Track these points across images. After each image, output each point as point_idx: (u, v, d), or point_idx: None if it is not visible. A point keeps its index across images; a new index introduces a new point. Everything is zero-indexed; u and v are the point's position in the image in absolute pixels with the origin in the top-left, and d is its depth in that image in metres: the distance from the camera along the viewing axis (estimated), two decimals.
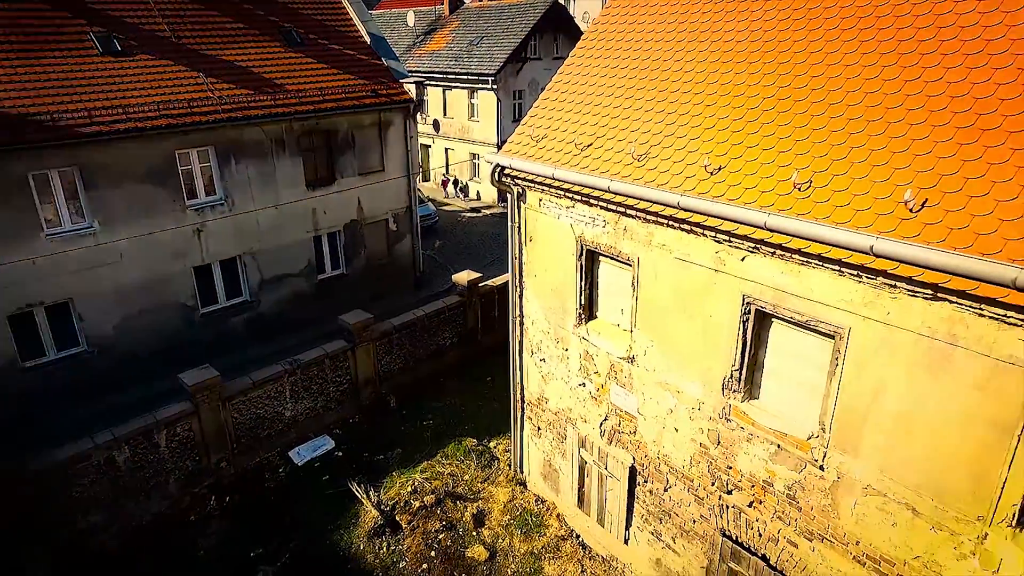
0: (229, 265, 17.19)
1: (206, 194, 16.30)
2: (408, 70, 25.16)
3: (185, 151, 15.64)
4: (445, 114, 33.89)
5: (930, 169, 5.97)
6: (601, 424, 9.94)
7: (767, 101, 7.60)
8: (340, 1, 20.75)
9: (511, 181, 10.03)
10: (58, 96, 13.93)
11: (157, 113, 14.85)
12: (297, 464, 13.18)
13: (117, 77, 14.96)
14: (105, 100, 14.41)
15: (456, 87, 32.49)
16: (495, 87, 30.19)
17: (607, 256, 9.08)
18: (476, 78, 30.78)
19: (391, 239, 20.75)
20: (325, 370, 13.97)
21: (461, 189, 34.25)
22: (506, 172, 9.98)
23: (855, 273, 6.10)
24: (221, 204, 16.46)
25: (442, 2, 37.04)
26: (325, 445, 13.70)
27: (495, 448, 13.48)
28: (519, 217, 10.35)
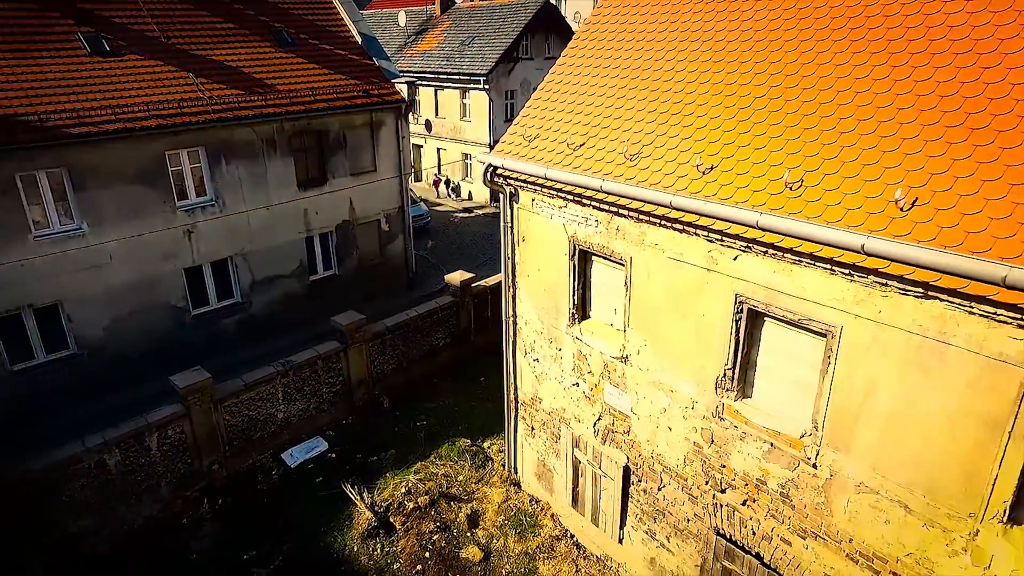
0: (220, 266, 17.10)
1: (196, 195, 16.21)
2: (400, 70, 25.13)
3: (175, 152, 15.54)
4: (437, 114, 33.85)
5: (920, 168, 6.01)
6: (595, 424, 9.95)
7: (758, 101, 7.63)
8: (331, 1, 20.69)
9: (503, 181, 10.02)
10: (46, 97, 13.81)
11: (147, 113, 14.74)
12: (290, 466, 13.13)
13: (106, 77, 14.86)
14: (94, 101, 14.30)
15: (448, 87, 32.46)
16: (487, 87, 30.18)
17: (600, 256, 9.09)
18: (468, 78, 30.76)
19: (383, 239, 20.69)
20: (318, 371, 13.91)
21: (453, 189, 34.21)
22: (498, 172, 9.98)
23: (847, 272, 6.14)
24: (212, 205, 16.36)
25: (433, 2, 36.99)
26: (318, 447, 13.65)
27: (489, 448, 13.47)
28: (512, 217, 10.34)
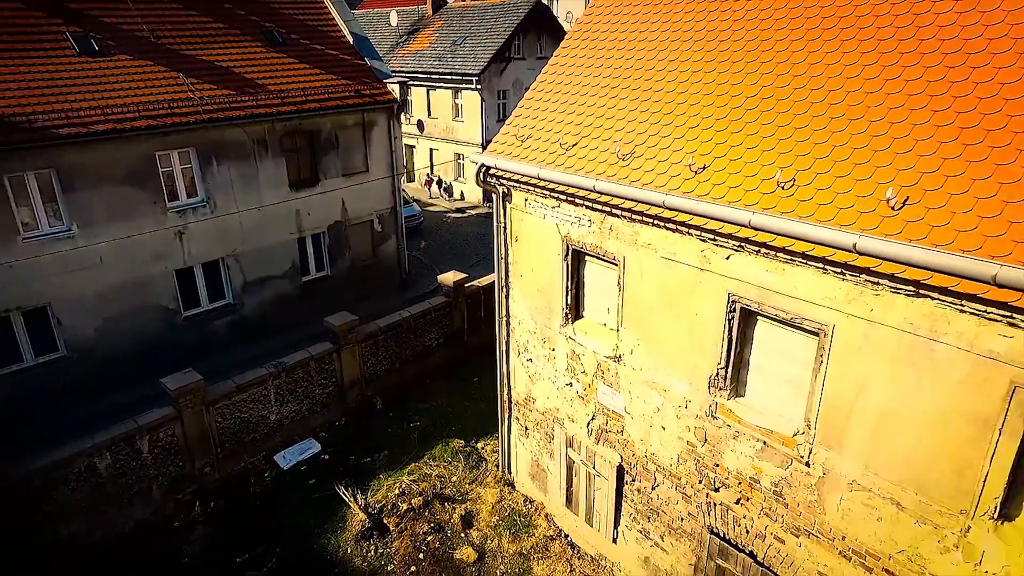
0: (212, 267, 17.00)
1: (187, 196, 16.11)
2: (391, 70, 25.03)
3: (166, 152, 15.44)
4: (429, 114, 33.79)
5: (911, 167, 6.04)
6: (588, 423, 9.96)
7: (750, 101, 7.65)
8: (322, 1, 20.61)
9: (496, 181, 10.01)
10: (34, 97, 13.69)
11: (136, 114, 14.64)
12: (283, 468, 13.06)
13: (95, 78, 14.74)
14: (83, 101, 14.19)
15: (440, 87, 32.40)
16: (479, 87, 30.15)
17: (593, 256, 9.09)
18: (460, 78, 30.71)
19: (376, 240, 20.64)
20: (310, 373, 13.85)
21: (445, 189, 34.16)
22: (491, 172, 9.96)
23: (839, 271, 6.16)
24: (203, 206, 16.27)
25: (425, 2, 36.91)
26: (311, 448, 13.59)
27: (483, 449, 13.45)
28: (505, 217, 10.33)
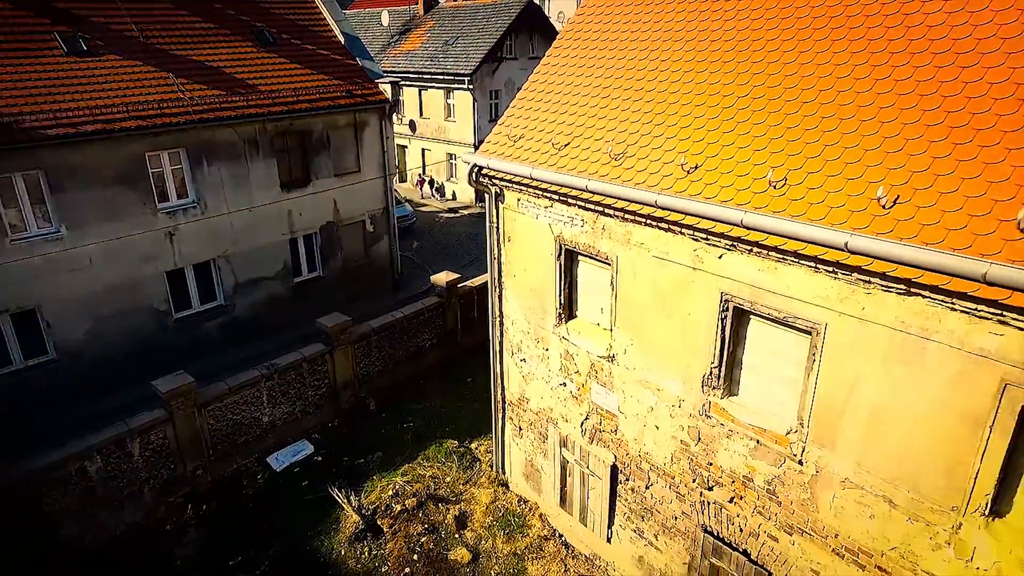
0: (203, 269, 16.90)
1: (178, 197, 16.01)
2: (383, 70, 24.95)
3: (155, 153, 15.33)
4: (421, 114, 33.73)
5: (901, 166, 6.07)
6: (582, 423, 9.96)
7: (742, 100, 7.67)
8: (313, 0, 20.53)
9: (489, 181, 9.99)
10: (22, 98, 13.55)
11: (126, 114, 14.53)
12: (276, 470, 13.00)
13: (84, 78, 14.62)
14: (71, 101, 14.07)
15: (432, 87, 32.35)
16: (471, 87, 30.11)
17: (586, 255, 9.09)
18: (452, 78, 30.68)
19: (368, 240, 20.58)
20: (303, 374, 13.79)
21: (437, 189, 34.11)
22: (484, 172, 9.95)
23: (830, 269, 6.18)
24: (193, 207, 16.17)
25: (416, 2, 36.84)
26: (304, 450, 13.53)
27: (476, 449, 13.43)
28: (497, 217, 10.32)
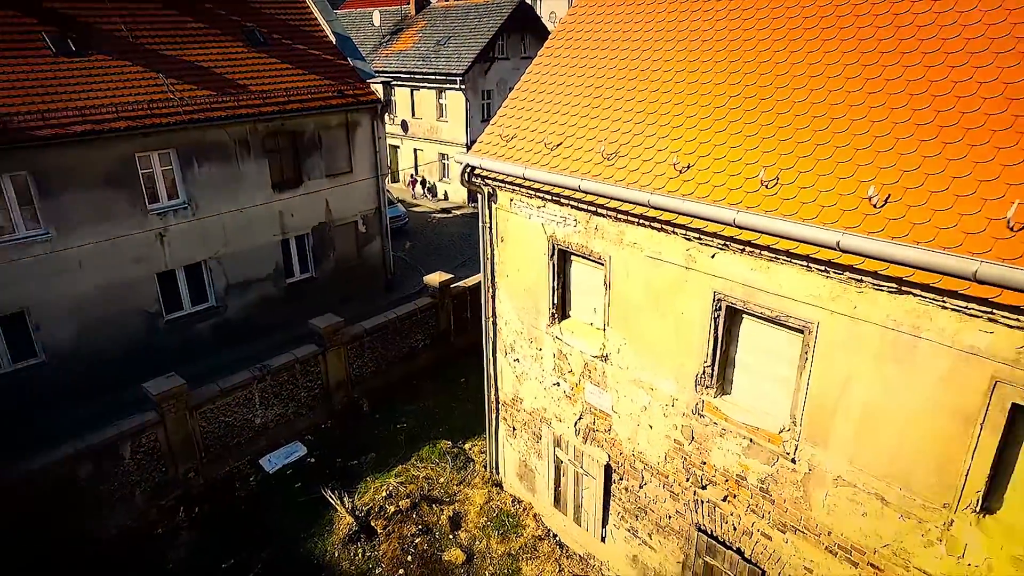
0: (194, 270, 16.80)
1: (168, 198, 15.90)
2: (375, 70, 24.94)
3: (145, 154, 15.23)
4: (413, 114, 33.66)
5: (892, 165, 6.11)
6: (576, 423, 9.96)
7: (734, 100, 7.70)
8: (304, 0, 20.45)
9: (481, 181, 9.98)
10: (9, 98, 13.43)
11: (115, 115, 14.42)
12: (268, 472, 12.94)
13: (72, 78, 14.50)
14: (60, 102, 13.95)
15: (424, 87, 32.29)
16: (463, 87, 30.09)
17: (579, 255, 9.09)
18: (444, 78, 30.63)
19: (360, 241, 20.52)
20: (295, 375, 13.73)
21: (429, 189, 34.06)
22: (476, 172, 9.94)
23: (822, 268, 6.21)
24: (184, 208, 16.07)
25: (408, 2, 36.76)
26: (297, 452, 13.47)
27: (470, 450, 13.42)
28: (490, 217, 10.31)
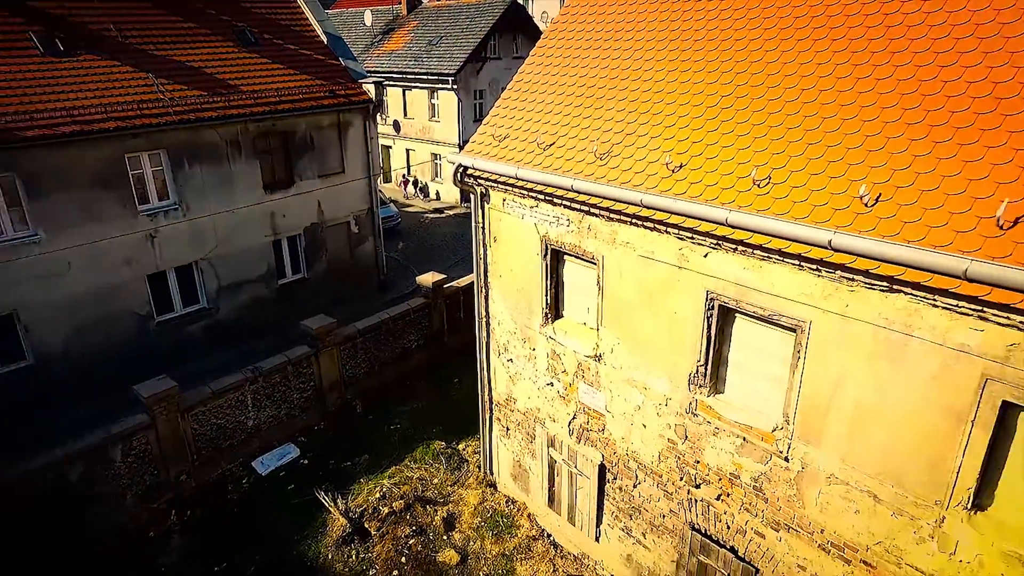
0: (185, 272, 16.69)
1: (159, 199, 15.79)
2: (367, 70, 24.83)
3: (135, 155, 15.11)
4: (405, 115, 33.58)
5: (883, 164, 6.13)
6: (570, 423, 9.96)
7: (726, 100, 7.71)
8: (295, 0, 20.37)
9: (474, 181, 9.96)
10: None
11: (104, 115, 14.30)
12: (261, 474, 12.87)
13: (61, 79, 14.36)
14: (48, 102, 13.81)
15: (416, 87, 32.22)
16: (455, 87, 30.03)
17: (572, 255, 9.09)
18: (436, 78, 30.57)
19: (353, 242, 20.45)
20: (288, 377, 13.67)
21: (421, 189, 34.00)
22: (469, 172, 9.92)
23: (814, 267, 6.23)
24: (175, 209, 15.96)
25: (399, 2, 36.67)
26: (290, 454, 13.41)
27: (464, 450, 13.40)
28: (483, 217, 10.29)
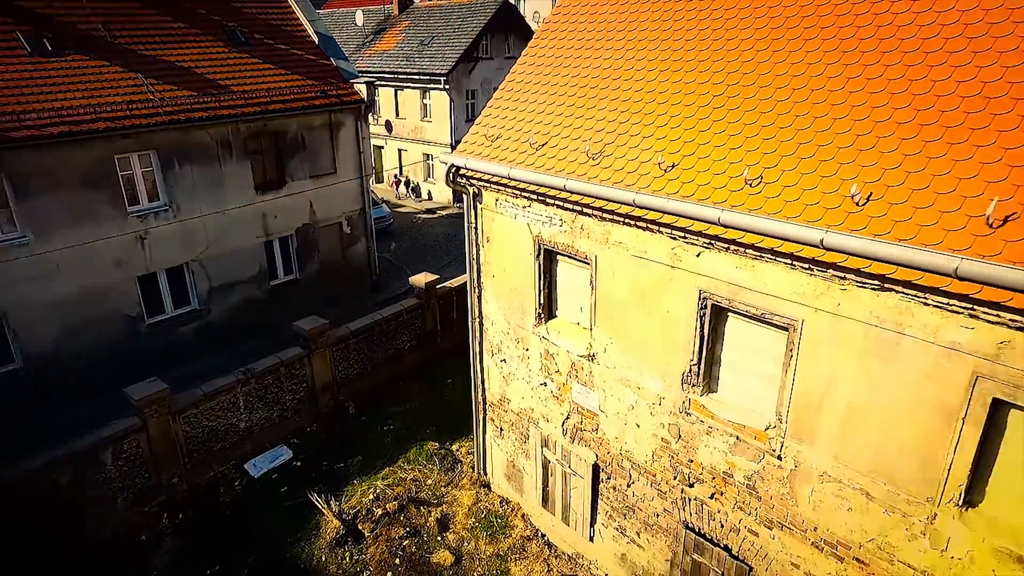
0: (176, 273, 16.58)
1: (149, 200, 15.68)
2: (358, 70, 24.75)
3: (125, 155, 14.99)
4: (397, 115, 33.51)
5: (874, 164, 6.16)
6: (563, 423, 9.96)
7: (718, 100, 7.73)
8: (286, 0, 20.28)
9: (466, 181, 9.95)
10: None
11: (93, 116, 14.19)
12: (254, 476, 12.80)
13: (49, 79, 14.23)
14: (36, 103, 13.68)
15: (408, 87, 32.16)
16: (447, 87, 29.99)
17: (565, 255, 9.09)
18: (428, 78, 30.52)
19: (345, 242, 20.38)
20: (280, 378, 13.60)
21: (413, 189, 33.94)
22: (461, 172, 9.90)
23: (806, 266, 6.25)
24: (165, 210, 15.85)
25: (391, 1, 36.59)
26: (282, 455, 13.35)
27: (458, 451, 13.37)
28: (476, 218, 10.28)
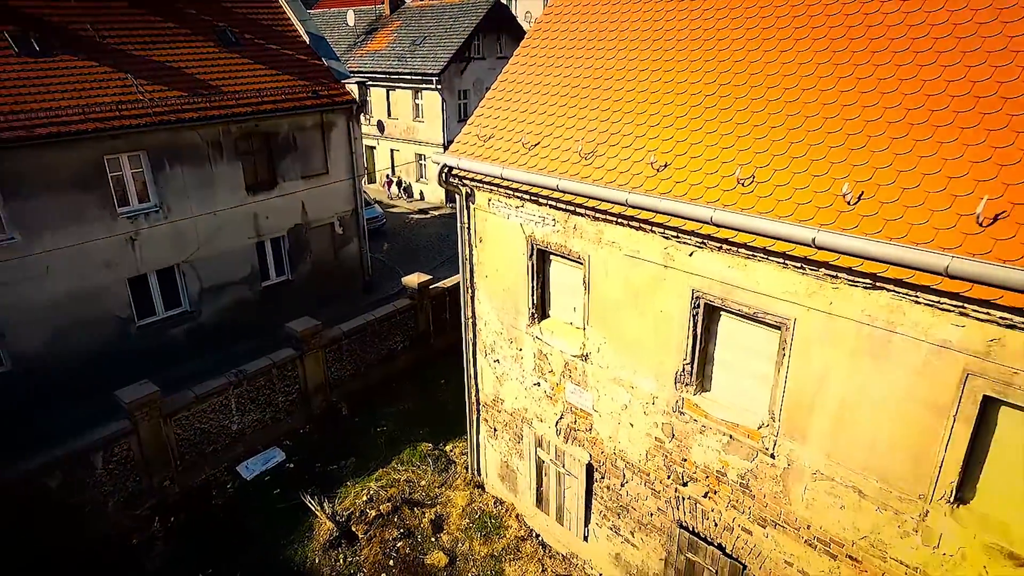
0: (166, 274, 16.48)
1: (139, 201, 15.57)
2: (350, 70, 24.72)
3: (115, 156, 14.88)
4: (389, 115, 33.43)
5: (865, 163, 6.19)
6: (557, 423, 9.96)
7: (709, 99, 7.75)
8: (276, 0, 20.20)
9: (459, 182, 9.93)
10: None
11: (82, 116, 14.07)
12: (246, 479, 12.73)
13: (37, 79, 14.10)
14: (24, 103, 13.56)
15: (400, 87, 32.09)
16: (439, 87, 29.96)
17: (558, 255, 9.09)
18: (420, 78, 30.47)
19: (337, 243, 20.31)
20: (272, 380, 13.54)
21: (405, 190, 33.88)
22: (454, 172, 9.88)
23: (799, 265, 6.28)
24: (156, 211, 15.74)
25: (382, 1, 36.50)
26: (275, 457, 13.28)
27: (451, 451, 13.35)
28: (468, 218, 10.26)
